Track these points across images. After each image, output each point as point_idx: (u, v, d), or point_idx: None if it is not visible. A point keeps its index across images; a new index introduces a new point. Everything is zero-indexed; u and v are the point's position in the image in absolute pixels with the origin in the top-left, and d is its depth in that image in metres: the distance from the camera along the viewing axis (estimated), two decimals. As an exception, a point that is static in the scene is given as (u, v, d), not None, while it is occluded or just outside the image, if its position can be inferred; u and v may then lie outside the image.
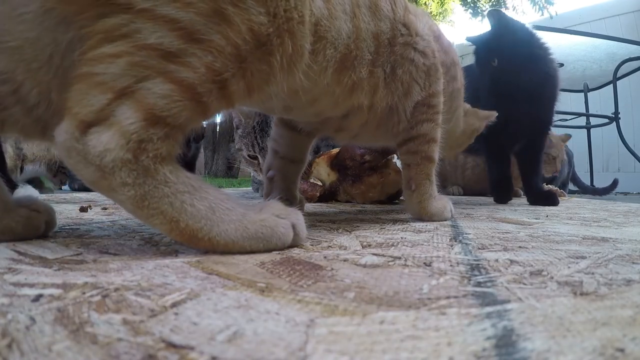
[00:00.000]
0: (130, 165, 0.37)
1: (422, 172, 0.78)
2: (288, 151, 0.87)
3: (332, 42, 0.55)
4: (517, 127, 1.44)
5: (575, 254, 0.44)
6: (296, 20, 0.45)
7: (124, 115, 0.37)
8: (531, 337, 0.22)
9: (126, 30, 0.37)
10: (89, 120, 0.37)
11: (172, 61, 0.38)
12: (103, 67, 0.37)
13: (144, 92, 0.37)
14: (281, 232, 0.44)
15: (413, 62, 0.73)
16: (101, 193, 0.40)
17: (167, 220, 0.39)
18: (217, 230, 0.40)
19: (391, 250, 0.45)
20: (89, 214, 0.81)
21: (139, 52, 0.37)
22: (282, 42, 0.45)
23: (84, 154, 0.37)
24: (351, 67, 0.60)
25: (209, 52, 0.40)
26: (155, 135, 0.38)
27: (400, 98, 0.74)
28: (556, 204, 1.37)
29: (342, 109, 0.70)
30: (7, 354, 0.19)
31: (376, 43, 0.64)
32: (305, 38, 0.48)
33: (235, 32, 0.41)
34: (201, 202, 0.40)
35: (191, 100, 0.40)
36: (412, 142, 0.78)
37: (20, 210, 0.48)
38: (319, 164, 1.42)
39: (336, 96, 0.63)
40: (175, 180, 0.40)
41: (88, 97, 0.37)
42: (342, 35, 0.56)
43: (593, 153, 3.05)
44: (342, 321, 0.24)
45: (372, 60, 0.64)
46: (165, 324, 0.23)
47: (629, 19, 3.60)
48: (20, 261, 0.37)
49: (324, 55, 0.55)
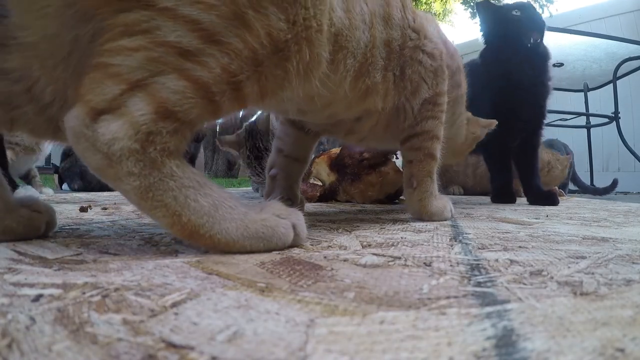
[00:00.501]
0: (137, 155, 0.37)
1: (424, 169, 0.79)
2: (292, 150, 0.87)
3: (352, 52, 0.56)
4: (519, 116, 1.45)
5: (575, 254, 0.44)
6: (314, 29, 0.46)
7: (135, 106, 0.37)
8: (531, 337, 0.22)
9: (146, 26, 0.38)
10: (100, 108, 0.37)
11: (189, 59, 0.39)
12: (120, 59, 0.37)
13: (158, 86, 0.38)
14: (282, 232, 0.44)
15: (421, 63, 0.74)
16: (106, 181, 0.40)
17: (170, 214, 0.39)
18: (219, 228, 0.40)
19: (391, 250, 0.45)
20: (89, 214, 0.81)
21: (157, 48, 0.38)
22: (300, 50, 0.46)
23: (92, 141, 0.37)
24: (366, 74, 0.62)
25: (226, 54, 0.40)
26: (164, 128, 0.38)
27: (408, 97, 0.75)
28: (556, 204, 1.37)
29: (355, 112, 0.72)
30: (7, 354, 0.19)
31: (388, 50, 0.65)
32: (323, 47, 0.48)
33: (254, 36, 0.41)
34: (205, 198, 0.40)
35: (204, 99, 0.40)
36: (416, 138, 0.79)
37: (22, 210, 0.48)
38: (319, 164, 1.42)
39: (349, 100, 0.64)
40: (182, 174, 0.40)
41: (102, 86, 0.37)
42: (361, 45, 0.58)
43: (593, 153, 3.05)
44: (342, 321, 0.24)
45: (384, 66, 0.66)
46: (165, 324, 0.23)
47: (629, 18, 3.60)
48: (20, 261, 0.37)
49: (344, 65, 0.56)
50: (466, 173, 2.30)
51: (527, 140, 1.50)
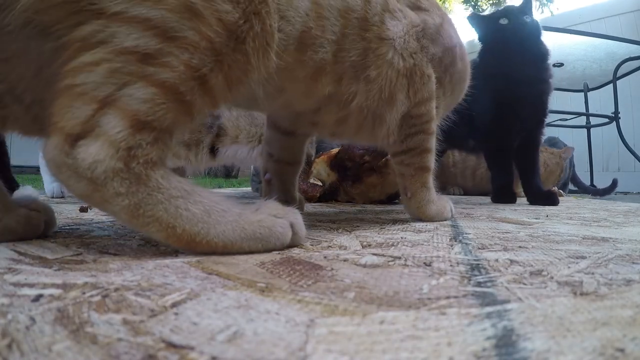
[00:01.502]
0: (122, 174, 0.37)
1: (417, 181, 0.76)
2: (282, 154, 0.86)
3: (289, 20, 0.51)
4: (519, 115, 1.45)
5: (575, 254, 0.44)
6: (257, 1, 0.44)
7: (109, 124, 0.37)
8: (531, 337, 0.22)
9: (102, 36, 0.37)
10: (75, 133, 0.37)
11: (151, 63, 0.38)
12: (83, 77, 0.37)
13: (127, 98, 0.37)
14: (279, 231, 0.44)
15: (392, 66, 0.66)
16: (94, 206, 0.39)
17: (164, 227, 0.39)
18: (215, 232, 0.40)
19: (391, 250, 0.45)
20: (89, 214, 0.81)
21: (117, 58, 0.37)
22: (252, 26, 0.44)
23: (74, 168, 0.37)
24: (311, 46, 0.55)
25: (185, 49, 0.39)
26: (143, 140, 0.38)
27: (380, 105, 0.67)
28: (556, 204, 1.37)
29: (311, 100, 0.65)
30: (7, 354, 0.19)
31: (343, 22, 0.58)
32: (271, 17, 0.46)
33: (206, 25, 0.40)
34: (196, 205, 0.40)
35: (174, 102, 0.40)
36: (404, 154, 0.76)
37: (20, 210, 0.48)
38: (319, 164, 1.42)
39: (300, 82, 0.59)
40: (168, 185, 0.39)
41: (72, 109, 0.37)
42: (300, 12, 0.52)
43: (593, 153, 3.05)
44: (342, 321, 0.24)
45: (336, 41, 0.58)
46: (165, 324, 0.23)
47: (629, 18, 3.60)
48: (20, 261, 0.37)
49: (285, 34, 0.51)
50: (465, 175, 2.30)
51: (527, 139, 1.50)
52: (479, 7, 6.38)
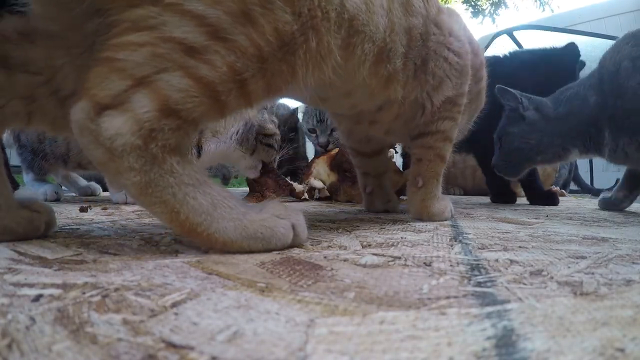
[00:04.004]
0: (139, 151, 0.38)
1: (433, 169, 0.79)
2: (373, 169, 0.99)
3: (370, 37, 0.55)
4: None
5: (575, 254, 0.44)
6: (319, 18, 0.46)
7: (139, 103, 0.37)
8: (531, 337, 0.22)
9: (153, 22, 0.38)
10: (105, 103, 0.38)
11: (194, 57, 0.39)
12: (126, 54, 0.38)
13: (162, 83, 0.38)
14: (281, 232, 0.44)
15: (447, 60, 0.74)
16: (108, 175, 0.40)
17: (168, 210, 0.39)
18: (217, 226, 0.40)
19: (391, 250, 0.45)
20: (89, 214, 0.81)
21: (162, 44, 0.38)
22: (307, 40, 0.45)
23: (96, 135, 0.38)
24: (386, 59, 0.62)
25: (232, 51, 0.40)
26: (167, 126, 0.39)
27: (430, 92, 0.75)
28: (556, 204, 1.37)
29: (376, 102, 0.73)
30: (7, 354, 0.19)
31: (408, 37, 0.65)
32: (331, 34, 0.48)
33: (259, 33, 0.41)
34: (204, 196, 0.40)
35: (209, 98, 0.40)
36: (429, 136, 0.80)
37: (21, 210, 0.48)
38: (319, 164, 1.42)
39: (372, 88, 0.64)
40: (182, 171, 0.40)
41: (107, 81, 0.38)
42: (380, 29, 0.57)
43: (593, 153, 3.05)
44: (342, 321, 0.24)
45: (404, 53, 0.65)
46: (165, 324, 0.23)
47: (629, 18, 3.60)
48: (20, 261, 0.37)
49: (362, 49, 0.55)
50: (465, 175, 2.30)
51: None
52: (479, 7, 6.38)
